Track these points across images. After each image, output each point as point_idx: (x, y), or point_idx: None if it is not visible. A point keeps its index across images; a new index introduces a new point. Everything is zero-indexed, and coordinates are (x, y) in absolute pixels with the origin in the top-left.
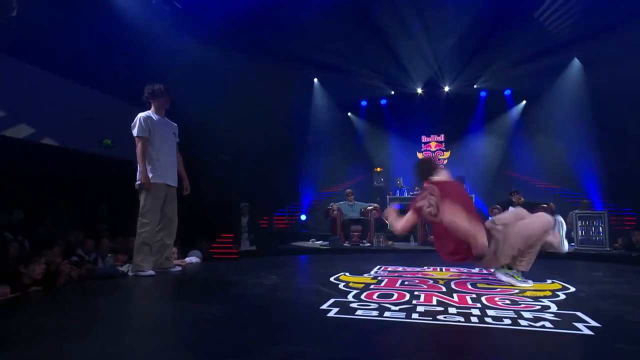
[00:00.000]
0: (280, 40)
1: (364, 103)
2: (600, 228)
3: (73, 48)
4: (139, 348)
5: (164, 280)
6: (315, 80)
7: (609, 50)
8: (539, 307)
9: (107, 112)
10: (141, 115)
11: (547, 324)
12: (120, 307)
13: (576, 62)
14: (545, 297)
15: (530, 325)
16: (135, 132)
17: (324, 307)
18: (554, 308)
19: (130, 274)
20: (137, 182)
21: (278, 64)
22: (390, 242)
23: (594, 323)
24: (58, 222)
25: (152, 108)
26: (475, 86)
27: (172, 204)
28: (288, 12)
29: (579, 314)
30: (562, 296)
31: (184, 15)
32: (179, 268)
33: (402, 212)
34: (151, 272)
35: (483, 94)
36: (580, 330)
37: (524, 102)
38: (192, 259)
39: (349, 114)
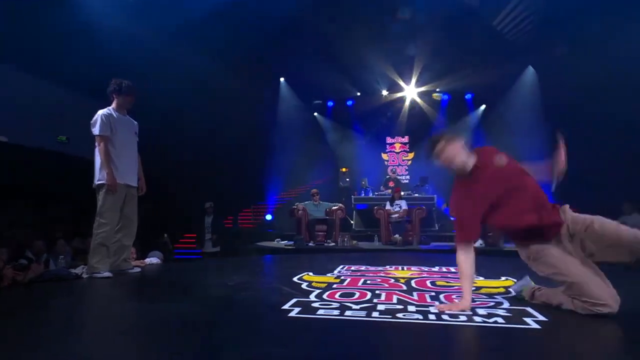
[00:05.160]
0: (247, 39)
1: (330, 103)
2: None
3: (27, 38)
4: (93, 354)
5: (122, 282)
6: (282, 79)
7: (559, 58)
8: (493, 303)
9: (62, 107)
10: (102, 112)
11: (500, 320)
12: (73, 310)
13: (530, 69)
14: (498, 294)
15: (483, 322)
16: (96, 130)
17: (286, 307)
18: (506, 304)
19: (84, 276)
20: (97, 182)
21: (244, 62)
22: (354, 242)
23: (541, 317)
24: (8, 223)
25: (114, 104)
26: (437, 89)
27: (132, 204)
28: (255, 10)
29: (528, 309)
30: (514, 292)
31: (148, 9)
32: (138, 269)
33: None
34: (108, 274)
35: (445, 97)
36: (529, 325)
37: (484, 106)
38: (153, 259)
39: (315, 114)
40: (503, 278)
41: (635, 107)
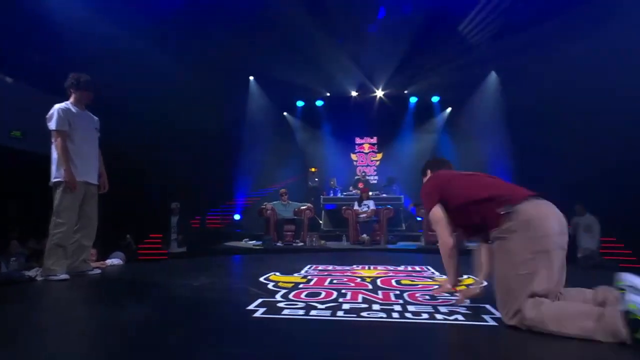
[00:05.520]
0: (217, 36)
1: (300, 103)
2: None
3: None
4: (51, 358)
5: (80, 284)
6: (251, 78)
7: (521, 64)
8: (454, 301)
9: (16, 101)
10: (58, 106)
11: (460, 317)
12: (26, 315)
13: (493, 74)
14: (460, 291)
15: (444, 319)
16: (52, 125)
17: (251, 307)
18: (467, 302)
19: (39, 278)
20: (54, 179)
21: (212, 60)
22: (322, 242)
23: (498, 314)
24: None
25: (72, 99)
26: (405, 91)
27: (92, 202)
28: (224, 7)
29: (487, 306)
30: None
31: (111, 2)
32: (98, 271)
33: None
34: (65, 276)
35: (413, 99)
36: (487, 322)
37: (450, 108)
38: (114, 260)
39: (285, 113)
40: (465, 276)
41: (593, 111)
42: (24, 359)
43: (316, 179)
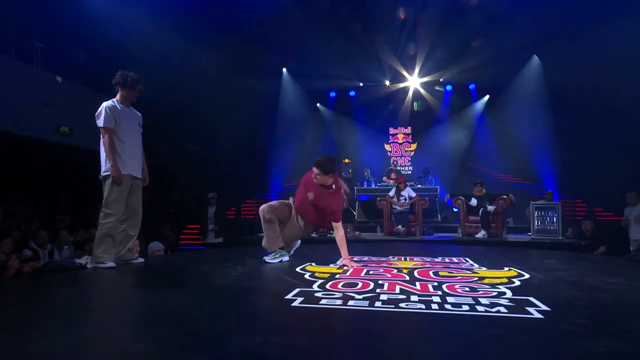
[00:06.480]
0: (250, 28)
1: (332, 94)
2: (555, 218)
3: (28, 31)
4: (99, 341)
5: (126, 272)
6: (284, 70)
7: (566, 49)
8: (496, 293)
9: (64, 98)
10: (106, 104)
11: (502, 309)
12: (78, 299)
13: (535, 59)
14: (501, 283)
15: (486, 311)
16: (100, 122)
17: (289, 297)
18: (509, 294)
19: (89, 266)
20: (103, 173)
21: (247, 52)
22: (357, 233)
23: (544, 307)
24: (11, 213)
25: (118, 96)
26: (441, 79)
27: (137, 195)
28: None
29: (531, 299)
30: (517, 282)
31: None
32: (142, 260)
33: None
34: (112, 264)
35: (449, 87)
36: (532, 314)
37: (488, 96)
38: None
39: (318, 104)
40: (506, 268)
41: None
42: (74, 339)
43: (350, 170)
